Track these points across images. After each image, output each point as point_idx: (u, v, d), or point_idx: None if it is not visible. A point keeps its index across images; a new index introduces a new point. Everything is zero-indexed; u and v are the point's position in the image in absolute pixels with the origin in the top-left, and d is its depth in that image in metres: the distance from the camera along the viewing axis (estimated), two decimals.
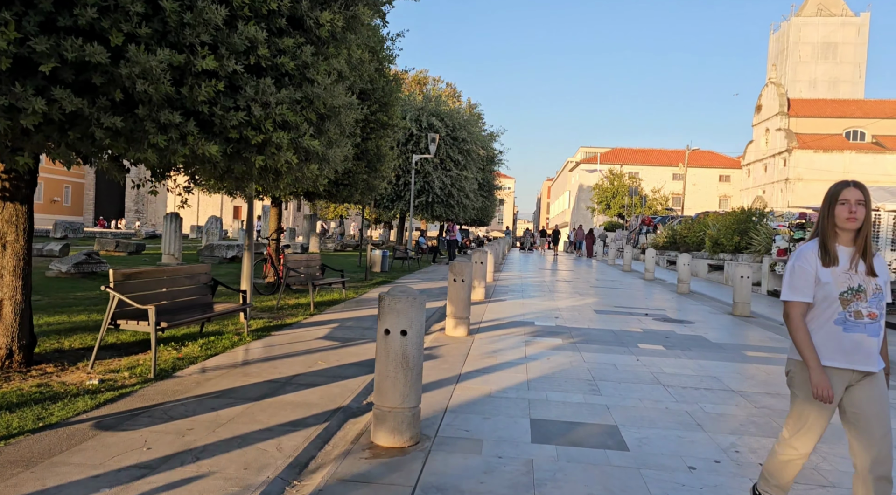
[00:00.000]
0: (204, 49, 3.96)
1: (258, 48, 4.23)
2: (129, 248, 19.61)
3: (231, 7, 4.06)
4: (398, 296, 4.18)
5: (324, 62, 4.74)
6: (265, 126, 4.38)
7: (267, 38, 4.35)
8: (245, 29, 4.10)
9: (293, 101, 4.53)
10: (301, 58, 4.50)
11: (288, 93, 4.42)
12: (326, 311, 10.21)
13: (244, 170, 4.83)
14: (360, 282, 15.15)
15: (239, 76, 4.26)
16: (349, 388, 5.60)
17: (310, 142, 4.70)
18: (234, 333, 7.80)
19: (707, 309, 12.95)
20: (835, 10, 71.39)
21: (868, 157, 53.61)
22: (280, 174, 4.95)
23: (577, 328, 9.53)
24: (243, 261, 8.74)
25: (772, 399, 5.80)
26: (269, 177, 4.95)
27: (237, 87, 4.33)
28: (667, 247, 30.47)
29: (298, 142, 4.73)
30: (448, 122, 26.63)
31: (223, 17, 3.86)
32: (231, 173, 4.88)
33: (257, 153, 4.58)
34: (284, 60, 4.44)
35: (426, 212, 27.18)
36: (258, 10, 4.26)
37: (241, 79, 4.27)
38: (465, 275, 8.62)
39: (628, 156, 79.25)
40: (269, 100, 4.27)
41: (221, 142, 4.41)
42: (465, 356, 7.17)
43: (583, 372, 6.55)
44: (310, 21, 4.58)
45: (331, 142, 5.23)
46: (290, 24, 4.61)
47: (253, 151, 4.56)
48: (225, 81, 4.20)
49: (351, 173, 11.62)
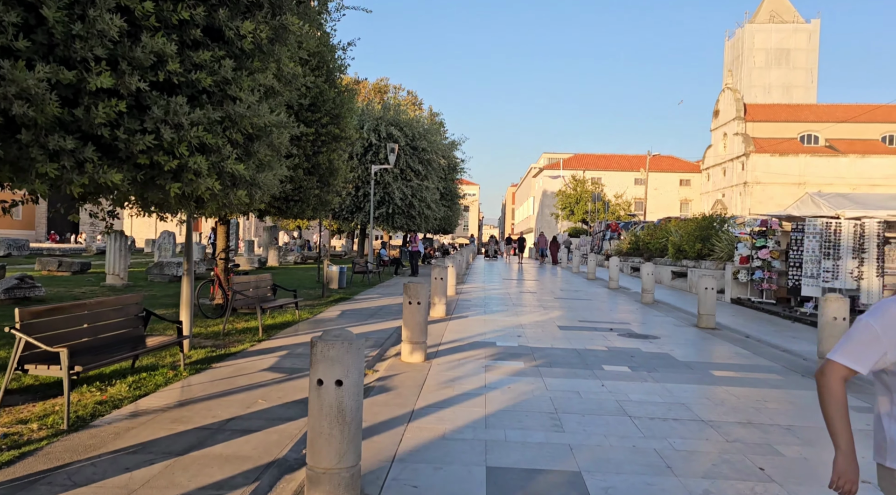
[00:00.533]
0: (100, 64, 3.44)
1: (168, 63, 3.72)
2: (72, 268, 18.60)
3: (132, 17, 3.54)
4: (332, 341, 3.70)
5: (248, 77, 4.24)
6: (179, 150, 3.85)
7: (179, 51, 3.84)
8: (150, 41, 3.59)
9: (212, 122, 4.02)
10: (221, 73, 3.99)
11: (205, 112, 3.91)
12: (277, 336, 9.63)
13: (161, 199, 4.29)
14: (316, 300, 14.56)
15: (146, 95, 3.74)
16: (288, 434, 5.08)
17: (234, 167, 4.19)
18: (171, 367, 7.18)
19: (672, 320, 12.73)
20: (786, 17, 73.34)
21: (822, 161, 54.98)
22: (203, 202, 4.43)
23: (541, 348, 9.15)
24: (182, 286, 8.13)
25: (743, 430, 5.47)
26: (190, 205, 4.43)
27: (145, 107, 3.81)
28: (630, 254, 30.51)
29: (221, 166, 4.22)
30: (408, 132, 26.18)
31: (119, 28, 3.35)
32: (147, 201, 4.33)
33: (173, 180, 4.06)
34: (201, 76, 3.93)
35: (387, 223, 26.65)
36: (167, 20, 3.75)
37: (148, 97, 3.74)
38: (420, 296, 8.15)
39: (591, 162, 79.97)
40: (181, 121, 3.76)
41: (130, 168, 3.87)
42: (420, 387, 6.70)
43: (545, 403, 6.14)
44: (230, 32, 4.08)
45: (261, 164, 4.73)
46: (206, 35, 4.11)
47: (168, 178, 4.04)
48: (130, 100, 3.67)
49: (302, 189, 11.07)
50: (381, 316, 12.28)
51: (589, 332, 10.79)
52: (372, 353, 8.54)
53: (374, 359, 8.26)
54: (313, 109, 10.93)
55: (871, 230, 12.52)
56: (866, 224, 12.60)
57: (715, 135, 63.87)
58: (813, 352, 9.46)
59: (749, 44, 72.30)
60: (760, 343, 10.39)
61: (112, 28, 3.28)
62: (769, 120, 58.32)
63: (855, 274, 12.48)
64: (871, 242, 12.48)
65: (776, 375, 7.80)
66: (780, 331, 11.92)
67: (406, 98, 47.19)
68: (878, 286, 12.44)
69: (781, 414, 5.98)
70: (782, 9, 74.15)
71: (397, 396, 6.31)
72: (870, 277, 12.42)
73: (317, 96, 10.91)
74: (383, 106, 27.79)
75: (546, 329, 11.07)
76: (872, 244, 12.47)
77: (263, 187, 4.81)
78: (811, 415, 5.99)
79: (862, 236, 12.53)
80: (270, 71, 4.50)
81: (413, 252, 24.80)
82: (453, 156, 35.50)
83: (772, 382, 7.39)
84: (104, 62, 3.43)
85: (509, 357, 8.46)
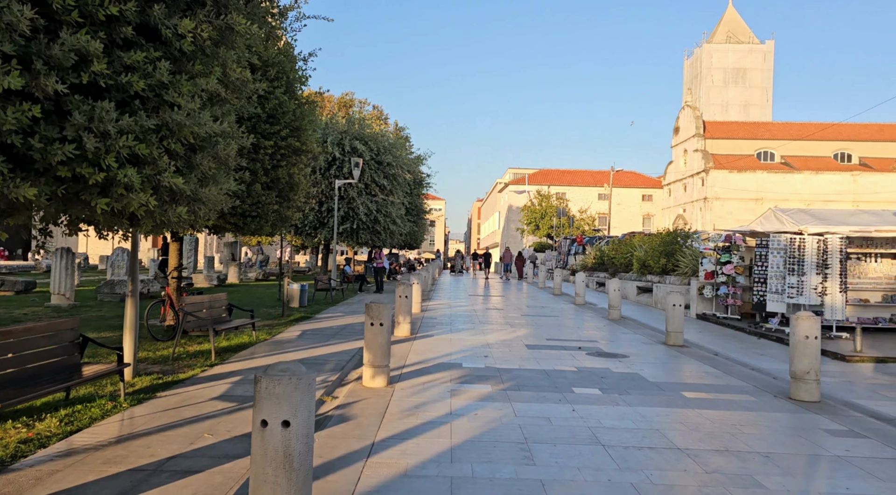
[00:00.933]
0: (10, 63, 3.00)
1: (93, 63, 3.29)
2: (16, 287, 17.63)
3: (49, 10, 3.12)
4: (278, 376, 3.29)
5: (188, 82, 3.83)
6: (106, 161, 3.42)
7: (106, 50, 3.42)
8: (71, 38, 3.17)
9: (146, 130, 3.59)
10: (156, 76, 3.58)
11: (137, 120, 3.49)
12: (231, 360, 9.09)
13: (89, 216, 3.83)
14: (276, 319, 13.99)
15: (67, 99, 3.30)
16: (235, 474, 4.61)
17: (172, 180, 3.77)
18: (110, 398, 6.61)
19: (640, 338, 12.56)
20: (742, 37, 75.58)
21: (778, 177, 56.41)
22: (138, 219, 3.98)
23: (508, 369, 8.81)
24: (125, 308, 7.56)
25: (721, 458, 5.21)
26: (123, 222, 3.98)
27: (66, 113, 3.37)
28: (595, 269, 30.55)
29: (158, 179, 3.79)
30: (373, 146, 25.79)
31: (32, 21, 2.92)
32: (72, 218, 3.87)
33: (100, 195, 3.61)
34: (132, 79, 3.52)
35: (351, 239, 26.13)
36: (93, 16, 3.33)
37: (69, 102, 3.31)
38: (383, 317, 7.75)
39: (556, 177, 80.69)
40: (108, 128, 3.33)
41: (48, 182, 3.42)
42: (382, 415, 6.29)
43: (514, 432, 5.79)
44: (167, 31, 3.67)
45: (205, 178, 4.30)
46: (140, 34, 3.69)
47: (94, 193, 3.59)
48: (47, 105, 3.24)
49: (260, 204, 10.59)
50: (343, 335, 11.81)
51: (557, 351, 10.51)
52: (332, 378, 8.08)
53: (334, 384, 7.81)
54: (272, 121, 10.50)
55: (833, 246, 12.59)
56: (829, 240, 12.67)
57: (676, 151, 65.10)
58: (780, 370, 9.34)
59: (707, 63, 74.22)
60: (729, 361, 10.25)
61: (22, 21, 2.86)
62: (727, 137, 59.72)
63: (819, 289, 12.51)
64: (833, 258, 12.54)
65: (748, 396, 7.60)
66: (747, 347, 11.84)
67: (372, 112, 46.84)
68: (842, 302, 12.49)
69: (759, 440, 5.75)
70: (738, 30, 76.41)
71: (357, 427, 5.88)
72: (833, 293, 12.47)
73: (276, 108, 10.48)
74: (348, 120, 27.35)
75: (513, 348, 10.75)
76: (835, 260, 12.53)
77: (208, 203, 4.37)
78: (788, 441, 5.77)
79: (825, 252, 12.59)
80: (215, 75, 4.10)
81: (378, 268, 24.32)
82: (419, 171, 35.20)
83: (745, 404, 7.18)
84: (14, 61, 3.00)
85: (476, 380, 8.10)
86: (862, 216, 14.84)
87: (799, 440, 5.80)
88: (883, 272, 13.94)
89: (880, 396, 7.88)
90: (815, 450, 5.51)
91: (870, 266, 13.97)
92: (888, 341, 12.29)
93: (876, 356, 10.52)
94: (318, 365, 8.90)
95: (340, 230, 25.43)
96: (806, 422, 6.47)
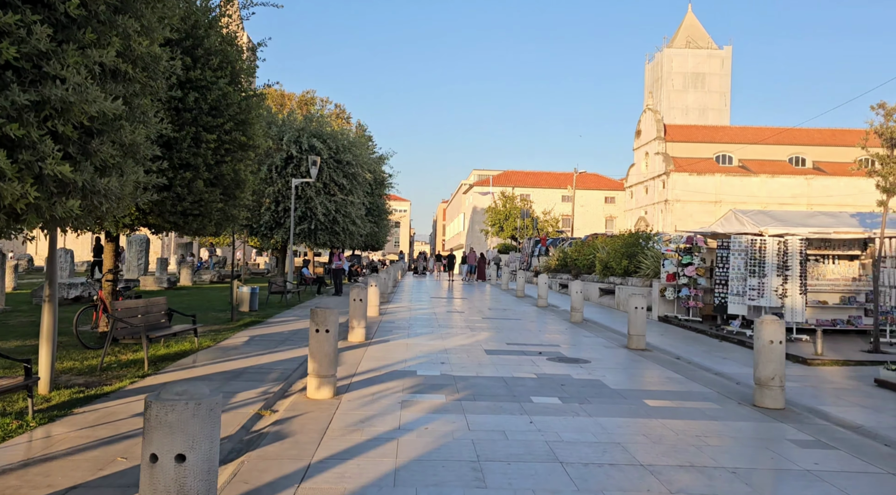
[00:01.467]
0: None
1: None
2: None
3: None
4: (171, 401, 2.75)
5: (77, 52, 3.26)
6: None
7: None
8: None
9: (20, 107, 3.01)
10: (31, 43, 3.00)
11: (8, 95, 2.90)
12: (167, 369, 8.42)
13: None
14: (223, 324, 13.28)
15: None
16: None
17: (57, 168, 3.19)
18: (16, 416, 5.92)
19: (602, 341, 12.25)
20: (701, 43, 76.90)
21: (736, 180, 57.39)
22: (16, 215, 3.38)
23: (465, 377, 8.36)
24: (42, 315, 6.86)
25: (686, 475, 4.83)
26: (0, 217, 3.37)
27: None
28: (558, 270, 30.40)
29: (40, 167, 3.20)
30: (331, 144, 25.09)
31: None
32: None
33: None
34: (3, 46, 2.93)
35: (309, 240, 25.36)
36: None
37: None
38: (329, 323, 7.20)
39: (520, 179, 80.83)
40: None
41: None
42: (323, 432, 5.76)
43: (466, 449, 5.32)
44: None
45: (106, 167, 3.72)
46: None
47: None
48: None
49: (203, 202, 9.89)
50: (293, 341, 11.19)
51: (517, 357, 10.10)
52: (274, 389, 7.50)
53: (276, 395, 7.23)
54: (215, 113, 9.82)
55: (793, 247, 12.50)
56: (789, 241, 12.57)
57: (638, 154, 65.77)
58: (743, 374, 9.10)
59: (668, 67, 75.26)
60: (692, 365, 9.99)
61: None
62: (687, 140, 60.54)
63: (780, 291, 12.39)
64: (794, 259, 12.44)
65: (712, 404, 7.30)
66: (709, 351, 11.63)
67: (333, 111, 46.01)
68: (802, 303, 12.40)
69: (724, 453, 5.40)
70: (697, 35, 77.74)
71: (293, 446, 5.34)
72: (794, 294, 12.37)
73: (219, 99, 9.80)
74: (306, 117, 26.59)
75: (472, 354, 10.30)
76: (795, 261, 12.44)
77: (110, 196, 3.79)
78: (756, 454, 5.44)
79: (786, 253, 12.48)
80: (113, 47, 3.53)
81: (336, 270, 23.64)
82: (381, 171, 34.58)
83: (709, 412, 6.87)
84: None
85: (430, 389, 7.62)
86: (820, 217, 14.86)
87: (766, 453, 5.47)
88: (840, 274, 13.95)
89: (845, 402, 7.67)
90: (783, 464, 5.18)
91: (828, 268, 13.96)
92: (847, 343, 12.24)
93: (837, 359, 10.40)
94: (262, 374, 8.30)
95: (297, 230, 24.67)
96: (772, 432, 6.17)
